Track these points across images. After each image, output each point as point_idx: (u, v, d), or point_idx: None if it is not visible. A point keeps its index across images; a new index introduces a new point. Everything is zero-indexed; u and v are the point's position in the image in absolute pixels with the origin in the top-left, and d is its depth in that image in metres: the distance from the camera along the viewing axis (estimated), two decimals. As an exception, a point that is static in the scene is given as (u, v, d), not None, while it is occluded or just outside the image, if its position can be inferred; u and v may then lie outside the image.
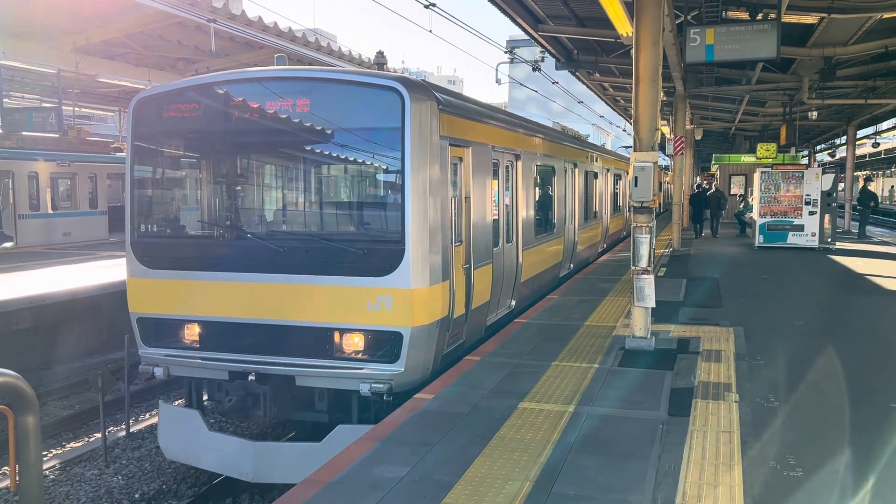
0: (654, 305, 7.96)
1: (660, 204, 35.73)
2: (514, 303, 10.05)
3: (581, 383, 6.74)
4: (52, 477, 8.24)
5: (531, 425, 5.62)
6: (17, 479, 2.82)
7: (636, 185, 7.84)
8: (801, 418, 5.90)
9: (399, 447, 5.21)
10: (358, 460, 4.98)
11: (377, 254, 6.65)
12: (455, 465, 4.86)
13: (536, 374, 7.06)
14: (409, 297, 6.52)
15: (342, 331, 6.72)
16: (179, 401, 10.24)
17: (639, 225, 7.88)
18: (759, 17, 11.26)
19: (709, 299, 11.38)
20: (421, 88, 6.87)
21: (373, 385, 6.49)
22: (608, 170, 19.31)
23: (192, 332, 7.24)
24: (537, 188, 11.59)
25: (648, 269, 7.84)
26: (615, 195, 21.08)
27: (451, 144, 7.30)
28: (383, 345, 6.64)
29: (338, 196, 7.77)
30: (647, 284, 7.84)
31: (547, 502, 4.32)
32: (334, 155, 7.32)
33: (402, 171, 6.59)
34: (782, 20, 10.55)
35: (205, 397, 7.84)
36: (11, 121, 19.28)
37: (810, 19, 13.40)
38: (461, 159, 7.80)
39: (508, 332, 8.94)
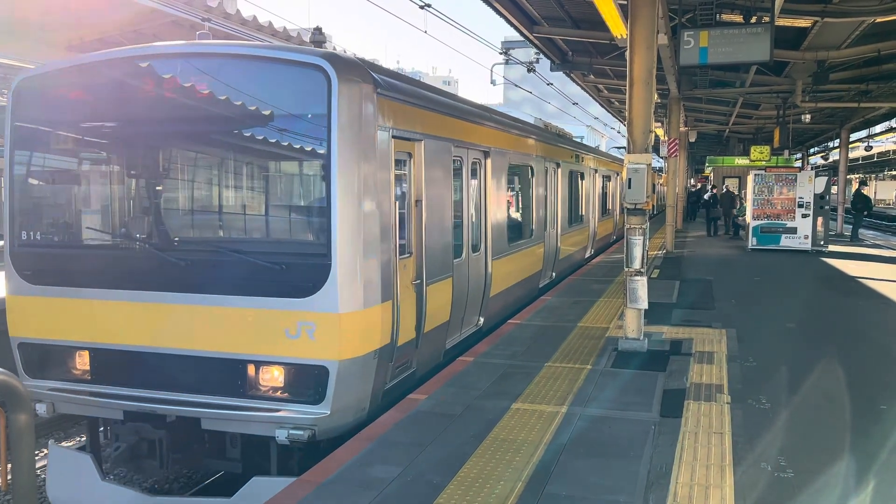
0: (646, 307, 7.99)
1: (653, 206, 35.86)
2: (482, 320, 9.01)
3: (574, 384, 6.75)
4: (43, 476, 8.21)
5: (524, 426, 5.64)
6: (9, 478, 2.81)
7: (630, 187, 7.86)
8: (793, 420, 5.93)
9: (392, 447, 5.21)
10: (351, 460, 4.98)
11: (297, 269, 5.52)
12: (448, 466, 4.87)
13: (530, 374, 7.07)
14: (337, 324, 5.42)
15: (257, 364, 5.59)
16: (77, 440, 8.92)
17: (632, 227, 7.91)
18: (753, 20, 11.30)
19: (701, 301, 11.42)
20: (353, 67, 5.76)
21: (291, 431, 5.37)
22: (596, 170, 18.46)
23: (81, 362, 6.09)
24: (512, 190, 10.62)
25: (641, 270, 7.87)
26: (604, 197, 20.16)
27: (395, 137, 6.23)
28: (305, 382, 5.52)
29: (252, 199, 6.40)
30: (640, 286, 7.87)
31: (539, 503, 4.33)
32: (248, 148, 6.12)
33: (328, 168, 5.47)
34: (776, 23, 10.61)
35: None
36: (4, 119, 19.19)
37: (804, 23, 13.47)
38: (410, 155, 6.73)
39: (502, 332, 8.95)
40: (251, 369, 5.61)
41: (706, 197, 28.71)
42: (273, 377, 5.59)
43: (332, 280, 5.42)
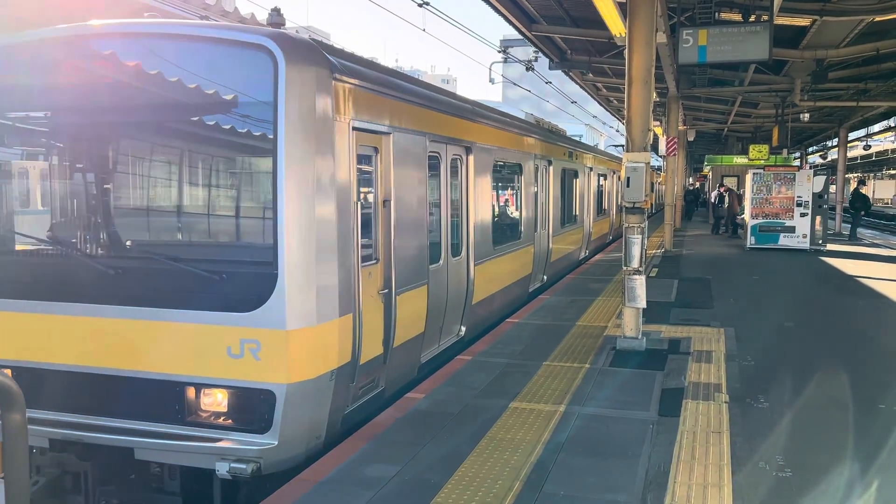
0: (645, 306, 7.98)
1: (651, 205, 35.87)
2: (464, 329, 8.38)
3: (572, 383, 6.74)
4: (40, 475, 8.18)
5: (522, 425, 5.63)
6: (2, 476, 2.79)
7: (628, 186, 7.85)
8: (791, 419, 5.92)
9: (390, 446, 5.20)
10: (348, 459, 4.97)
11: (239, 280, 4.92)
12: (446, 465, 4.86)
13: (528, 373, 7.06)
14: (285, 342, 4.78)
15: (196, 386, 4.96)
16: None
17: (630, 225, 7.89)
18: (752, 18, 11.30)
19: (700, 300, 11.42)
20: (305, 49, 5.09)
21: (233, 465, 4.74)
22: (591, 169, 17.75)
23: None
24: (498, 189, 10.00)
25: (640, 269, 7.86)
26: (599, 196, 19.54)
27: (357, 129, 5.57)
28: (249, 408, 4.89)
29: (189, 199, 5.60)
30: (639, 285, 7.86)
31: (537, 502, 4.32)
32: (185, 141, 5.47)
33: (274, 164, 4.82)
34: (775, 22, 10.60)
35: None
36: None
37: (803, 21, 13.47)
38: (377, 150, 6.05)
39: (500, 331, 8.94)
40: (190, 393, 4.98)
41: (713, 197, 28.76)
42: (214, 402, 4.97)
43: (278, 292, 4.78)
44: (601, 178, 19.82)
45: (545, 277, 12.95)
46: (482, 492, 4.45)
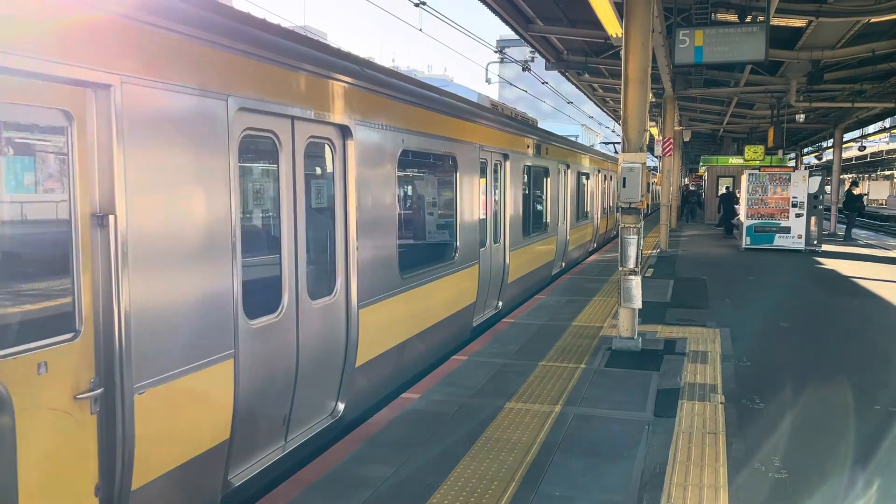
0: (640, 306, 7.98)
1: (647, 205, 35.82)
2: (342, 406, 5.78)
3: (568, 383, 6.73)
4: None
5: (518, 425, 5.61)
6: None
7: (624, 186, 7.85)
8: (787, 420, 5.92)
9: (385, 447, 5.18)
10: (343, 459, 4.94)
11: None
12: (441, 465, 4.84)
13: (523, 374, 7.05)
14: None
15: None
16: None
17: (626, 226, 7.89)
18: (748, 19, 11.32)
19: (696, 300, 11.42)
20: None
21: None
22: (567, 166, 15.35)
23: None
24: (411, 190, 7.79)
25: (636, 269, 7.85)
26: (579, 199, 17.14)
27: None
28: None
29: None
30: (635, 285, 7.86)
31: (532, 503, 4.31)
32: None
33: None
34: (771, 23, 10.62)
35: None
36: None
37: (799, 22, 13.49)
38: (71, 117, 3.23)
39: (496, 331, 8.92)
40: None
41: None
42: None
43: None
44: (583, 178, 17.78)
45: (500, 304, 10.48)
46: (478, 492, 4.43)
